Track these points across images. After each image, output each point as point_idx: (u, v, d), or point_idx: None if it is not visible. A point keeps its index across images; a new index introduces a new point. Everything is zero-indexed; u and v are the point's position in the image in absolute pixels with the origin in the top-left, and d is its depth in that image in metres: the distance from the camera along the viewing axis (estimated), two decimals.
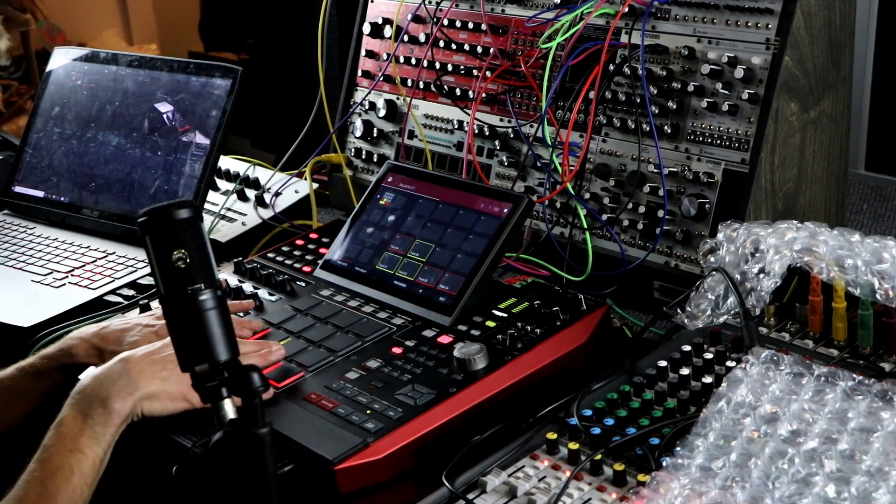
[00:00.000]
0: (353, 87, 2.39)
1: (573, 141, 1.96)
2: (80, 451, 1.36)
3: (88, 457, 1.36)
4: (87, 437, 1.37)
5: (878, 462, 1.18)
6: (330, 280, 1.88)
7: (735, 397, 1.31)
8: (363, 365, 1.61)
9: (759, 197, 1.76)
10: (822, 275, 1.44)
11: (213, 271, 1.22)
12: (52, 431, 1.38)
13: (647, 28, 1.87)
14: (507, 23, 2.11)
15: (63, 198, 2.40)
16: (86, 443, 1.37)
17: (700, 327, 1.53)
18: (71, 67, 2.51)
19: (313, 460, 1.42)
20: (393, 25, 2.29)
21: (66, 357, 1.67)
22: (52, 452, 1.35)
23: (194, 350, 1.21)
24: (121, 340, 1.65)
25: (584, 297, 1.72)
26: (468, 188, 1.85)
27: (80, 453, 1.36)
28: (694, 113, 1.83)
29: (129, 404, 1.42)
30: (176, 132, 2.29)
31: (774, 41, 1.75)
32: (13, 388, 1.65)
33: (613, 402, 1.42)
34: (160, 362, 1.48)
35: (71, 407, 1.40)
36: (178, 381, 1.45)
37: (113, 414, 1.40)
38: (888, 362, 1.43)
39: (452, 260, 1.77)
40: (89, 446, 1.37)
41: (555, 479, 1.31)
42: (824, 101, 1.86)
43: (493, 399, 1.54)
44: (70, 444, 1.36)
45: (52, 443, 1.36)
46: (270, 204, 2.33)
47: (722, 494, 1.17)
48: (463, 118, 2.17)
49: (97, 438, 1.38)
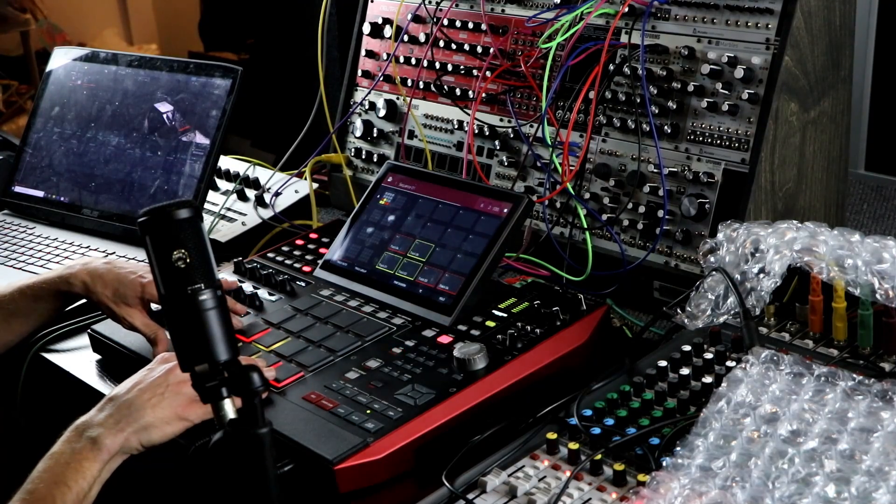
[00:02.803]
0: (353, 87, 2.39)
1: (573, 141, 1.96)
2: (65, 484, 1.37)
3: (73, 490, 1.37)
4: (72, 470, 1.39)
5: (878, 462, 1.18)
6: (330, 280, 1.88)
7: (735, 397, 1.31)
8: (363, 365, 1.61)
9: (759, 197, 1.76)
10: (822, 275, 1.44)
11: (213, 271, 1.22)
12: (42, 463, 1.40)
13: (647, 28, 1.87)
14: (507, 23, 2.11)
15: (63, 198, 2.40)
16: (71, 476, 1.38)
17: (700, 327, 1.53)
18: (71, 67, 2.51)
19: (313, 460, 1.42)
20: (393, 25, 2.29)
21: (64, 284, 1.78)
22: (37, 483, 1.37)
23: (194, 350, 1.20)
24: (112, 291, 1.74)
25: (584, 297, 1.72)
26: (468, 188, 1.85)
27: (64, 486, 1.37)
28: (694, 113, 1.83)
29: (119, 440, 1.43)
30: (176, 132, 2.29)
31: (774, 41, 1.75)
32: (13, 309, 1.78)
33: (613, 402, 1.42)
34: (148, 390, 1.48)
35: (62, 442, 1.42)
36: (169, 404, 1.47)
37: (102, 450, 1.41)
38: (888, 362, 1.43)
39: (452, 260, 1.77)
40: (74, 480, 1.38)
41: (555, 479, 1.31)
42: (824, 101, 1.86)
43: (493, 399, 1.54)
44: (56, 476, 1.38)
45: (38, 475, 1.38)
46: (270, 204, 2.33)
47: (722, 494, 1.17)
48: (463, 118, 2.17)
49: (83, 473, 1.39)
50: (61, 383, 1.83)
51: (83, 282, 1.77)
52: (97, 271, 1.78)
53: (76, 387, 1.79)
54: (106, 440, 1.42)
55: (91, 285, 1.76)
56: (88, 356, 1.84)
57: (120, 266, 1.80)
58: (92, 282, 1.76)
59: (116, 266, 1.79)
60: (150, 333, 1.73)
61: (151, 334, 1.73)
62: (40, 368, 1.86)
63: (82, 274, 1.78)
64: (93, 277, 1.77)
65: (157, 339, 1.72)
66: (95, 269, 1.78)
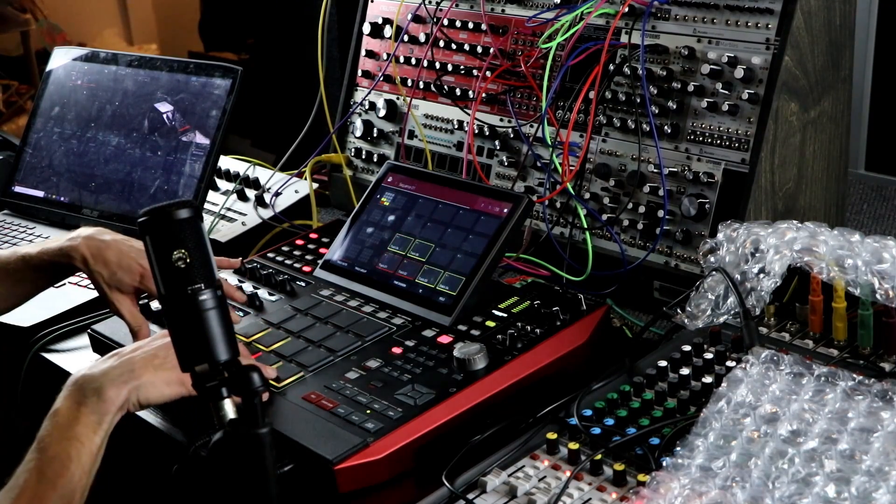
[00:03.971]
0: (353, 87, 2.39)
1: (573, 141, 1.96)
2: (77, 440, 1.35)
3: (86, 445, 1.35)
4: (83, 425, 1.37)
5: (878, 462, 1.18)
6: (330, 280, 1.88)
7: (735, 397, 1.31)
8: (363, 365, 1.61)
9: (759, 197, 1.76)
10: (822, 275, 1.44)
11: (213, 271, 1.22)
12: (48, 422, 1.38)
13: (647, 28, 1.87)
14: (507, 23, 2.11)
15: (63, 198, 2.40)
16: (82, 431, 1.36)
17: (700, 327, 1.53)
18: (71, 67, 2.51)
19: (313, 460, 1.42)
20: (393, 25, 2.29)
21: (65, 257, 1.75)
22: (48, 442, 1.35)
23: (194, 350, 1.20)
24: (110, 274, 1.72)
25: (584, 297, 1.72)
26: (468, 188, 1.85)
27: (77, 441, 1.35)
28: (694, 113, 1.83)
29: (123, 393, 1.42)
30: (176, 132, 2.29)
31: (774, 41, 1.75)
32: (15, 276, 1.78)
33: (613, 402, 1.42)
34: (152, 351, 1.48)
35: (65, 398, 1.40)
36: (171, 367, 1.44)
37: (108, 402, 1.40)
38: (888, 362, 1.43)
39: (452, 260, 1.77)
40: (86, 435, 1.36)
41: (555, 479, 1.31)
42: (824, 101, 1.86)
43: (493, 399, 1.54)
44: (67, 432, 1.36)
45: (48, 433, 1.36)
46: (270, 204, 2.33)
47: (722, 494, 1.17)
48: (463, 118, 2.17)
49: (93, 427, 1.37)
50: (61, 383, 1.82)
51: (83, 256, 1.73)
52: (99, 248, 1.74)
53: None
54: (110, 392, 1.40)
55: (91, 262, 1.73)
56: (88, 356, 1.84)
57: (124, 248, 1.75)
58: (93, 258, 1.73)
59: (120, 248, 1.75)
60: (134, 326, 1.72)
61: (136, 327, 1.72)
62: (40, 368, 1.86)
63: (83, 248, 1.74)
64: (93, 253, 1.73)
65: (140, 334, 1.71)
66: (98, 246, 1.74)
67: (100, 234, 1.77)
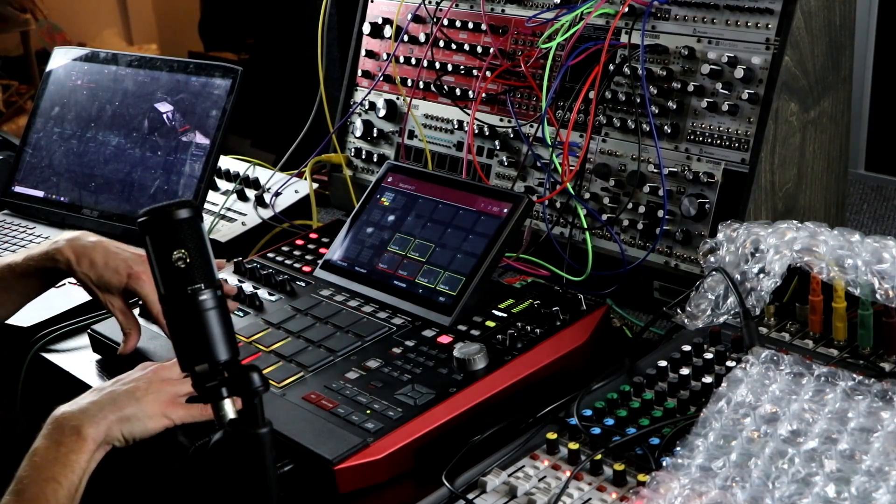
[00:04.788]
0: (353, 87, 2.39)
1: (573, 141, 1.96)
2: (55, 480, 1.33)
3: (63, 485, 1.33)
4: (60, 465, 1.35)
5: (878, 462, 1.18)
6: (330, 280, 1.88)
7: (735, 397, 1.31)
8: (363, 365, 1.61)
9: (759, 197, 1.76)
10: (822, 275, 1.44)
11: (212, 271, 1.22)
12: (26, 462, 1.36)
13: (647, 28, 1.87)
14: (507, 23, 2.11)
15: (63, 198, 2.40)
16: (60, 471, 1.34)
17: (700, 327, 1.53)
18: (71, 67, 2.51)
19: (313, 460, 1.42)
20: (393, 25, 2.29)
21: (50, 261, 1.74)
22: (26, 483, 1.33)
23: (194, 350, 1.20)
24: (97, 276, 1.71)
25: (584, 297, 1.72)
26: (468, 188, 1.85)
27: (54, 482, 1.33)
28: (694, 113, 1.83)
29: (102, 429, 1.39)
30: (176, 132, 2.29)
31: (774, 41, 1.75)
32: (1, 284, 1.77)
33: (613, 402, 1.42)
34: (132, 384, 1.46)
35: (44, 436, 1.38)
36: (153, 399, 1.44)
37: (86, 440, 1.37)
38: (888, 362, 1.43)
39: (452, 260, 1.77)
40: (63, 475, 1.34)
41: (555, 479, 1.31)
42: (824, 101, 1.86)
43: (493, 399, 1.53)
44: (44, 473, 1.34)
45: (26, 473, 1.34)
46: (270, 204, 2.33)
47: (722, 494, 1.17)
48: (463, 118, 2.17)
49: (71, 466, 1.35)
50: (61, 383, 1.83)
51: (67, 259, 1.72)
52: (84, 249, 1.72)
53: (76, 387, 1.79)
54: (89, 429, 1.38)
55: (75, 263, 1.71)
56: (88, 356, 1.84)
57: (110, 250, 1.74)
58: (77, 260, 1.71)
59: (107, 248, 1.74)
60: (125, 327, 1.71)
61: (127, 329, 1.71)
62: (40, 368, 1.86)
63: (67, 251, 1.72)
64: (78, 255, 1.72)
65: (130, 334, 1.71)
66: (83, 247, 1.73)
67: (84, 236, 1.76)
